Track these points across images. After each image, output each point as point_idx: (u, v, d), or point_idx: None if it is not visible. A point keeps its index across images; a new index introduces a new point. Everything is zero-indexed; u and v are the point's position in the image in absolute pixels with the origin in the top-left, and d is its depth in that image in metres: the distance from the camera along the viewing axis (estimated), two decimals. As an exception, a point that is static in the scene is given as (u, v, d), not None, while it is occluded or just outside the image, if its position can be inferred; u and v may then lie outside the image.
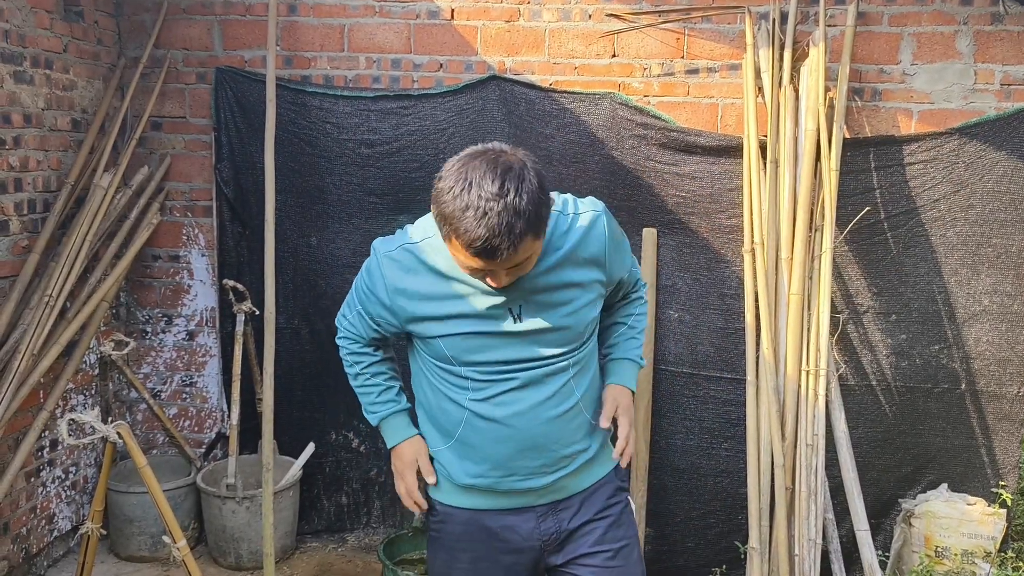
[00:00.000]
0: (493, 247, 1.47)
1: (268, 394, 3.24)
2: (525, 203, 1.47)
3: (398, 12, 3.42)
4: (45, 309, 3.05)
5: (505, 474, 1.77)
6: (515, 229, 1.46)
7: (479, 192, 1.46)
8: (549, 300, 1.70)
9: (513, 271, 1.58)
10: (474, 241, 1.47)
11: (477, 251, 1.48)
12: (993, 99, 3.17)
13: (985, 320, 3.19)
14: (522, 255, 1.52)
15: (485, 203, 1.46)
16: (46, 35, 3.16)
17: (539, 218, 1.51)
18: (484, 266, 1.53)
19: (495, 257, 1.49)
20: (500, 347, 1.70)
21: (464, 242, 1.49)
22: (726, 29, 3.28)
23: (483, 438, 1.75)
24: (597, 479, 1.85)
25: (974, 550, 3.06)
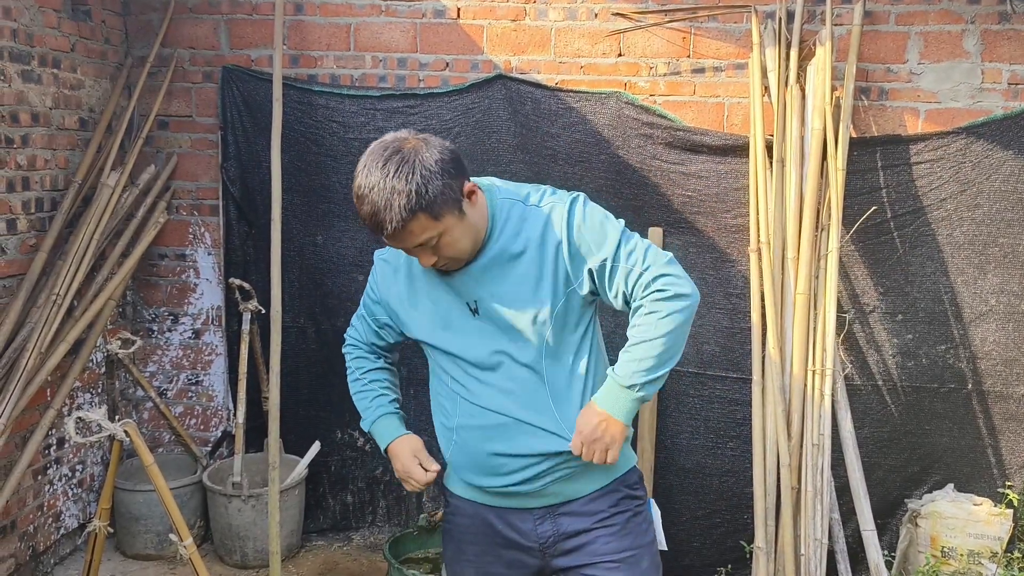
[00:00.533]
0: (378, 222, 1.60)
1: (274, 393, 3.25)
2: (404, 184, 1.58)
3: (404, 11, 3.43)
4: (52, 307, 3.06)
5: (488, 472, 1.78)
6: (394, 205, 1.58)
7: (364, 178, 1.62)
8: (505, 290, 1.71)
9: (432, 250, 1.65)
10: (363, 220, 1.63)
11: (370, 228, 1.63)
12: (1000, 98, 3.16)
13: (992, 320, 3.18)
14: (419, 232, 1.61)
15: (366, 185, 1.60)
16: (54, 34, 3.17)
17: (424, 196, 1.58)
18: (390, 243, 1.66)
19: (383, 232, 1.61)
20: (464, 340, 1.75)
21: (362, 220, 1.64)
22: (732, 28, 3.28)
23: (466, 434, 1.79)
24: (598, 486, 1.81)
25: (980, 550, 3.05)
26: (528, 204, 1.73)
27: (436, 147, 1.63)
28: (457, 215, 1.63)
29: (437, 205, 1.60)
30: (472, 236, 1.68)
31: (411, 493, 3.64)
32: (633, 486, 1.87)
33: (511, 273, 1.71)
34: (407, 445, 1.87)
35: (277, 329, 3.26)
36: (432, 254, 1.66)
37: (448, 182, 1.61)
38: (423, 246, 1.64)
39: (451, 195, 1.62)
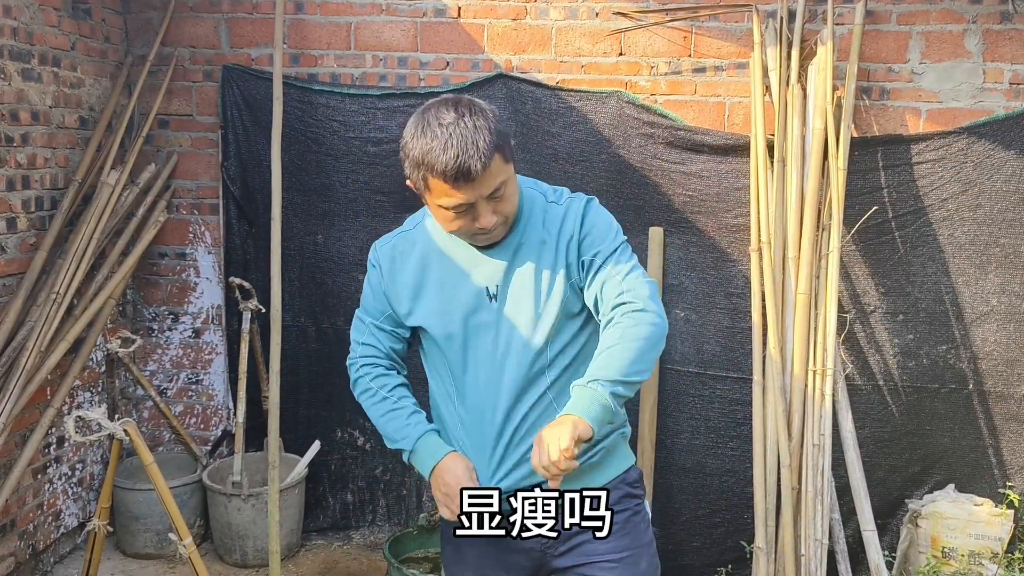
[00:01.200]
0: (467, 167, 1.54)
1: (274, 392, 3.24)
2: (483, 122, 1.58)
3: (405, 10, 3.42)
4: (52, 306, 3.06)
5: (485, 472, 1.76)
6: (480, 143, 1.55)
7: (438, 124, 1.57)
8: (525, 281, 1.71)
9: (495, 204, 1.62)
10: (448, 166, 1.55)
11: (454, 175, 1.55)
12: (1002, 98, 3.15)
13: (993, 320, 3.17)
14: (496, 175, 1.58)
15: (446, 129, 1.56)
16: (54, 33, 3.17)
17: (501, 136, 1.60)
18: (465, 197, 1.58)
19: (471, 177, 1.55)
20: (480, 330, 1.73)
21: (440, 173, 1.56)
22: (733, 27, 3.27)
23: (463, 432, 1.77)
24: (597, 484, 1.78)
25: (981, 551, 3.05)
26: (548, 200, 1.76)
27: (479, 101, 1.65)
28: (513, 168, 1.65)
29: (508, 147, 1.62)
30: (516, 201, 1.68)
31: (411, 493, 3.64)
32: (633, 484, 1.86)
33: (536, 260, 1.71)
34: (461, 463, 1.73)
35: (277, 328, 3.26)
36: (495, 208, 1.62)
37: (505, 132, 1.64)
38: (494, 194, 1.61)
39: (510, 143, 1.65)
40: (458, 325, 1.74)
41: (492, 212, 1.63)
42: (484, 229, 1.65)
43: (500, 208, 1.64)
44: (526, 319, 1.71)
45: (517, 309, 1.71)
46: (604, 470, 1.81)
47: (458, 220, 1.64)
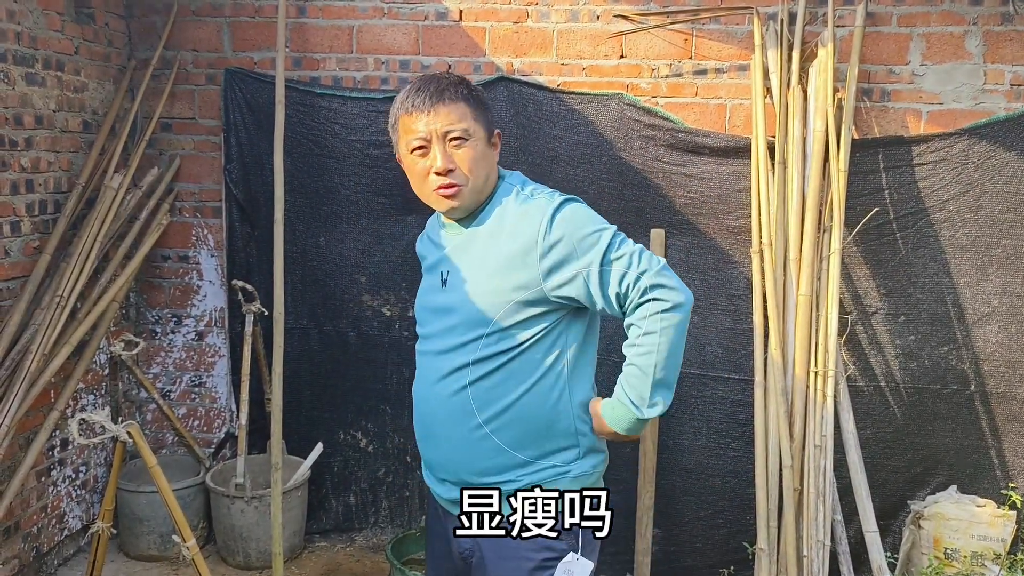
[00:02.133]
0: (423, 93, 1.67)
1: (277, 394, 3.25)
2: (460, 82, 1.70)
3: (406, 13, 3.44)
4: (56, 309, 3.07)
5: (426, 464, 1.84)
6: (444, 84, 1.68)
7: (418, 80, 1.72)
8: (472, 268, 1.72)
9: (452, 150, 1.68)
10: (408, 94, 1.69)
11: (411, 103, 1.68)
12: (1003, 99, 3.16)
13: (995, 321, 3.18)
14: (455, 117, 1.67)
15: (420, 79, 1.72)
16: (57, 37, 3.18)
17: (470, 91, 1.71)
18: (420, 130, 1.67)
19: (424, 105, 1.66)
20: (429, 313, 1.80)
21: (401, 105, 1.70)
22: (734, 30, 3.28)
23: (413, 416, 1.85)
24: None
25: (984, 552, 3.05)
26: (523, 192, 1.73)
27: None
28: (486, 139, 1.73)
29: (480, 109, 1.71)
30: (487, 174, 1.73)
31: (413, 494, 3.65)
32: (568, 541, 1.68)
33: (484, 251, 1.71)
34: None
35: (280, 331, 3.27)
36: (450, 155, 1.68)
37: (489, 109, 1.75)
38: (450, 136, 1.67)
39: (488, 119, 1.74)
40: (418, 305, 1.85)
41: (446, 155, 1.68)
42: (439, 174, 1.67)
43: (458, 156, 1.68)
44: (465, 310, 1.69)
45: (460, 298, 1.70)
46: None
47: (420, 165, 1.71)
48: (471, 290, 1.69)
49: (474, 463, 1.69)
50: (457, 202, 1.70)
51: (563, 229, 1.63)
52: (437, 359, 1.74)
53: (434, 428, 1.76)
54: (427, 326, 1.80)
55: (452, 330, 1.71)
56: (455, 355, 1.70)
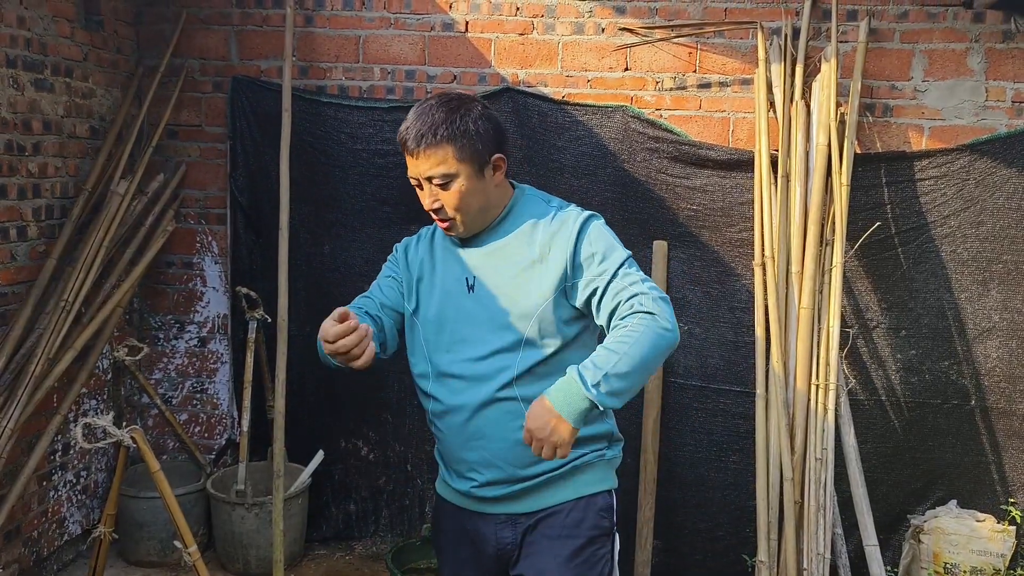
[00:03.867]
0: (404, 138, 1.73)
1: (280, 401, 3.26)
2: (447, 115, 1.71)
3: (413, 24, 3.46)
4: (61, 314, 3.08)
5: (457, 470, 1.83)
6: (430, 126, 1.71)
7: (423, 103, 1.76)
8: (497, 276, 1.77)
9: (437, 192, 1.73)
10: (400, 132, 1.75)
11: (402, 141, 1.74)
12: (1004, 116, 3.18)
13: (995, 336, 3.19)
14: (436, 163, 1.71)
15: (421, 106, 1.76)
16: (67, 43, 3.21)
17: (462, 132, 1.71)
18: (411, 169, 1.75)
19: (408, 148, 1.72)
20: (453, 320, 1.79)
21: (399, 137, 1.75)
22: (738, 44, 3.30)
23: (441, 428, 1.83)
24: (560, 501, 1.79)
25: (983, 567, 3.05)
26: (550, 205, 1.84)
27: (481, 109, 1.77)
28: (476, 172, 1.74)
29: (467, 146, 1.72)
30: (482, 203, 1.77)
31: (413, 503, 3.65)
32: (601, 512, 1.82)
33: (514, 259, 1.78)
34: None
35: (283, 338, 3.28)
36: (436, 195, 1.74)
37: (482, 139, 1.74)
38: (433, 179, 1.73)
39: (479, 151, 1.74)
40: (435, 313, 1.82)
41: (433, 197, 1.75)
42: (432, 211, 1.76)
43: (445, 198, 1.74)
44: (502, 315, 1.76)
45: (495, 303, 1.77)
46: (565, 488, 1.80)
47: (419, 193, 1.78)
48: (509, 295, 1.76)
49: (526, 457, 1.74)
50: (454, 232, 1.81)
51: (592, 241, 1.75)
52: (474, 364, 1.76)
53: (481, 431, 1.77)
54: (452, 332, 1.79)
55: (490, 334, 1.76)
56: (496, 358, 1.75)
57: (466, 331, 1.78)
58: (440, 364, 1.80)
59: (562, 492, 1.80)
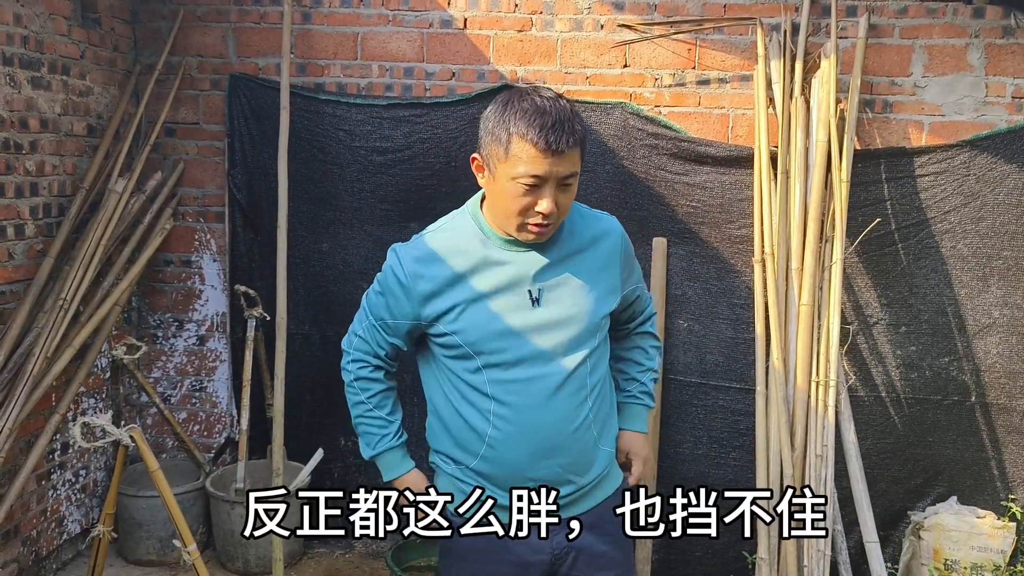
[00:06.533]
0: (560, 136, 1.58)
1: (279, 399, 3.26)
2: (574, 113, 1.63)
3: (411, 21, 3.45)
4: (59, 312, 3.07)
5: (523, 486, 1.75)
6: (575, 124, 1.62)
7: (538, 96, 1.63)
8: (566, 284, 1.74)
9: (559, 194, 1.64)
10: (544, 128, 1.58)
11: (545, 140, 1.58)
12: (1004, 112, 3.17)
13: (995, 333, 3.18)
14: (573, 163, 1.63)
15: (547, 101, 1.62)
16: (64, 41, 3.19)
17: (585, 131, 1.67)
18: (543, 169, 1.60)
19: (560, 148, 1.58)
20: (519, 336, 1.71)
21: (533, 136, 1.59)
22: (737, 40, 3.30)
23: (504, 446, 1.73)
24: (606, 495, 1.85)
25: (983, 563, 3.05)
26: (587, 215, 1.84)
27: None
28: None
29: (584, 149, 1.68)
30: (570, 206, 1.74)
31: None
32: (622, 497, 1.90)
33: (572, 268, 1.75)
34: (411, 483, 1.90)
35: (282, 336, 3.28)
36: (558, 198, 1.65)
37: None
38: (565, 181, 1.64)
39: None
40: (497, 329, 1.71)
41: (553, 200, 1.64)
42: (543, 216, 1.65)
43: (562, 200, 1.66)
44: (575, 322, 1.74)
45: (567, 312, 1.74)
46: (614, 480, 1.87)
47: (524, 198, 1.63)
48: (580, 302, 1.75)
49: (591, 463, 1.79)
50: (543, 239, 1.72)
51: (630, 246, 1.87)
52: (550, 377, 1.72)
53: (559, 442, 1.74)
54: (520, 349, 1.71)
55: (564, 344, 1.73)
56: (573, 367, 1.74)
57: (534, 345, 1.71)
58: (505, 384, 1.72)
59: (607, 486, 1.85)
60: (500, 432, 1.73)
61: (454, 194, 3.42)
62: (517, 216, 1.66)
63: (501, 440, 1.73)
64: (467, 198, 3.64)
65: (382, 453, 1.90)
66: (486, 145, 1.68)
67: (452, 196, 3.42)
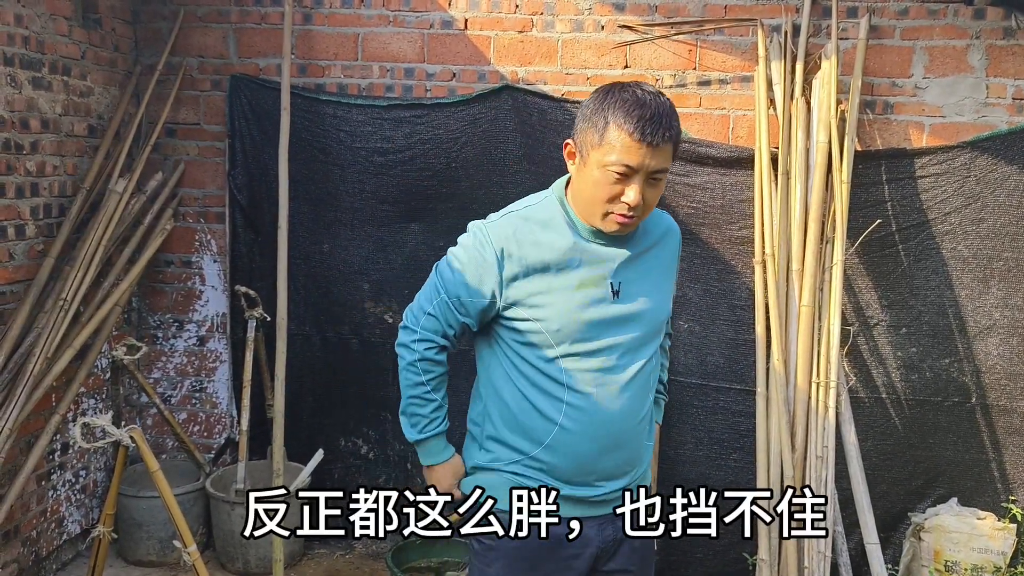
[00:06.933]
0: (657, 129, 1.60)
1: (279, 400, 3.25)
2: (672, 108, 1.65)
3: (412, 21, 3.45)
4: (59, 313, 3.07)
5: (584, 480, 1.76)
6: (673, 120, 1.63)
7: (640, 90, 1.64)
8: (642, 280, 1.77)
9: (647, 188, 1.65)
10: (643, 119, 1.59)
11: (641, 131, 1.59)
12: (1005, 113, 3.17)
13: (996, 334, 3.18)
14: (666, 159, 1.64)
15: (648, 95, 1.63)
16: (64, 42, 3.20)
17: (680, 131, 1.69)
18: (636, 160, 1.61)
19: (655, 140, 1.59)
20: (600, 328, 1.72)
21: (631, 125, 1.60)
22: (738, 41, 3.30)
23: (574, 436, 1.73)
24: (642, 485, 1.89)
25: (984, 565, 3.05)
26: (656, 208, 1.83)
27: None
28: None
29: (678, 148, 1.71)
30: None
31: (414, 502, 3.64)
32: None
33: (647, 263, 1.78)
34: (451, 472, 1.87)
35: (282, 336, 3.28)
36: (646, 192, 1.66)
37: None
38: (654, 175, 1.65)
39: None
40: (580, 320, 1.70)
41: (641, 193, 1.64)
42: (629, 207, 1.65)
43: (648, 195, 1.67)
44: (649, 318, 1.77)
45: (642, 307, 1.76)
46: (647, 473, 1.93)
47: (613, 187, 1.64)
48: (655, 298, 1.78)
49: (642, 457, 1.85)
50: (625, 232, 1.72)
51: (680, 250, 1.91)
52: (623, 371, 1.75)
53: (624, 436, 1.78)
54: (591, 342, 1.72)
55: (637, 340, 1.76)
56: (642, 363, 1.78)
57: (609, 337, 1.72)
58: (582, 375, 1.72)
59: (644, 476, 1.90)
60: (571, 422, 1.72)
61: (455, 195, 3.44)
62: (604, 204, 1.66)
63: (572, 431, 1.73)
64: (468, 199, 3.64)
65: (428, 438, 1.83)
66: (581, 131, 1.69)
67: (453, 197, 3.44)
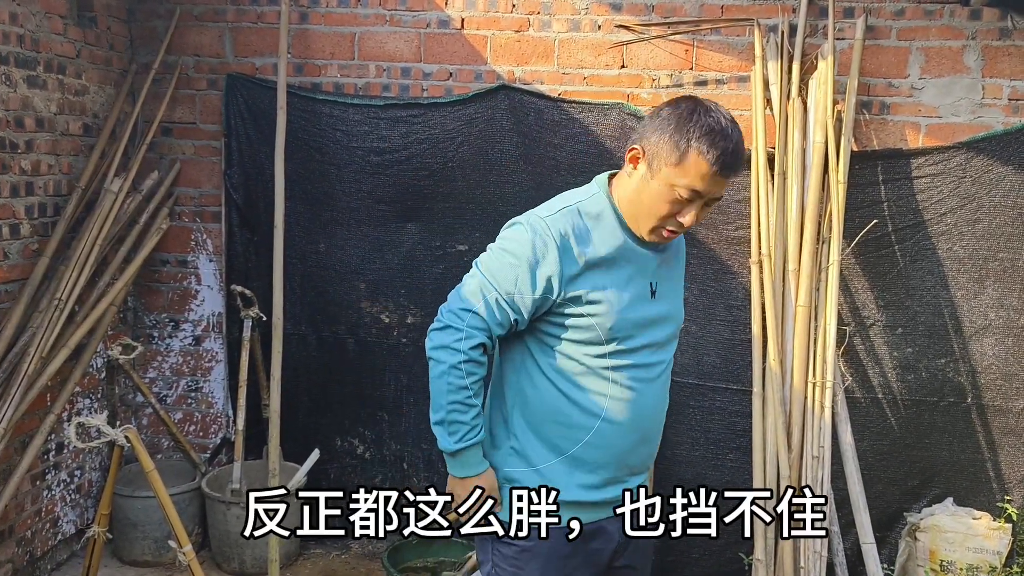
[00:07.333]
0: (736, 163, 1.65)
1: (275, 400, 3.25)
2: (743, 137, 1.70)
3: (409, 21, 3.45)
4: (54, 312, 3.06)
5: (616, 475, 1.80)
6: (742, 152, 1.69)
7: (720, 115, 1.66)
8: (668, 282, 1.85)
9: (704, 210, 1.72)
10: (726, 152, 1.63)
11: (721, 163, 1.63)
12: (1001, 114, 3.18)
13: (991, 334, 3.19)
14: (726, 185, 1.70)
15: (730, 124, 1.66)
16: (60, 40, 3.18)
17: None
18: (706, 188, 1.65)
19: (729, 173, 1.65)
20: (644, 325, 1.78)
21: (714, 156, 1.62)
22: (735, 41, 3.30)
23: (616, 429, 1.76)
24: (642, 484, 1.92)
25: (979, 565, 3.05)
26: None
27: None
28: None
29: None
30: None
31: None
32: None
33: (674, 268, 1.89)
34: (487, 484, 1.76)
35: (278, 336, 3.27)
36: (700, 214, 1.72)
37: None
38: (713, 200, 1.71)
39: None
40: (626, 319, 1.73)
41: (696, 216, 1.71)
42: (682, 226, 1.72)
43: (702, 216, 1.73)
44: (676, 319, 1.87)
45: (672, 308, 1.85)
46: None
47: (674, 205, 1.68)
48: (678, 300, 1.89)
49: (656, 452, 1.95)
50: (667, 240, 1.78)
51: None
52: (659, 367, 1.83)
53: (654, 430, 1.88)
54: (635, 339, 1.75)
55: (667, 339, 1.84)
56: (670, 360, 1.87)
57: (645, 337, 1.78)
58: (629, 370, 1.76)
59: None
60: (614, 416, 1.76)
61: (451, 194, 3.43)
62: (659, 219, 1.71)
63: (614, 425, 1.76)
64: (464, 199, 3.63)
65: (467, 448, 1.72)
66: (656, 144, 1.67)
67: (449, 196, 3.44)
